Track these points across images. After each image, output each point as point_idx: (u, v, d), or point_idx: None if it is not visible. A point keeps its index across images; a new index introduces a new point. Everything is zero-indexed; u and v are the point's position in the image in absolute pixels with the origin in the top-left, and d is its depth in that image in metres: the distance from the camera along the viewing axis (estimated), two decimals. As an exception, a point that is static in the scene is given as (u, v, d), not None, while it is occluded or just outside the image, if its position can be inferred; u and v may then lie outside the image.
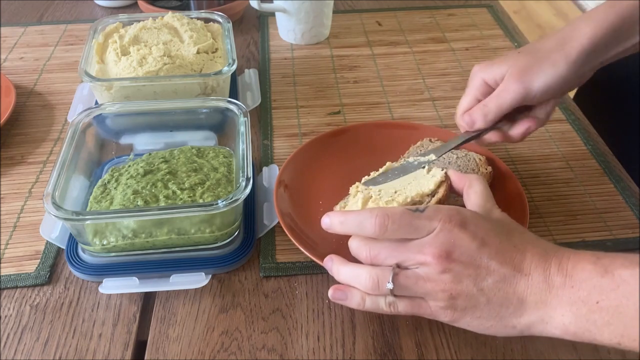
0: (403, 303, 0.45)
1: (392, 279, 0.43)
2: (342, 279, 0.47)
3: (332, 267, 0.48)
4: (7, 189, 0.64)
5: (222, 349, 0.48)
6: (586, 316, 0.40)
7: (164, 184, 0.55)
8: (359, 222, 0.44)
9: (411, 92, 0.80)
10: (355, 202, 0.54)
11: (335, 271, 0.47)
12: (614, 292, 0.39)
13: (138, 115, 0.64)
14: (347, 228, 0.46)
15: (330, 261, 0.48)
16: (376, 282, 0.44)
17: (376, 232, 0.43)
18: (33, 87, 0.80)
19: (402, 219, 0.43)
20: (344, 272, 0.46)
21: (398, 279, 0.43)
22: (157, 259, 0.54)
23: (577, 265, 0.41)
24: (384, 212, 0.43)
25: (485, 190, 0.49)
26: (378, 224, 0.43)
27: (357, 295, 0.46)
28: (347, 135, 0.67)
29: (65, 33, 0.92)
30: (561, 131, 0.72)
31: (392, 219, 0.43)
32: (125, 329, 0.50)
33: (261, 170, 0.65)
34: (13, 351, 0.48)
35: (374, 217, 0.43)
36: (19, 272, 0.55)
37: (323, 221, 0.47)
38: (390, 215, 0.43)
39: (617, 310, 0.38)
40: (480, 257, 0.42)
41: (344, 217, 0.46)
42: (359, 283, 0.45)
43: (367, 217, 0.44)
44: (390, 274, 0.43)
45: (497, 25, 0.95)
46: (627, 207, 0.62)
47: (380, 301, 0.45)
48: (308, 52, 0.88)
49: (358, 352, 0.48)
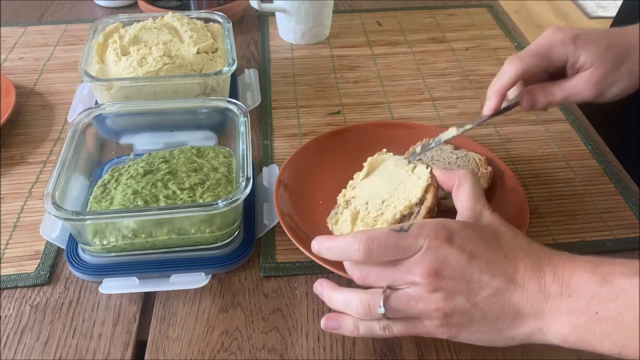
0: (398, 325, 0.43)
1: (383, 303, 0.42)
2: (333, 305, 0.46)
3: (322, 293, 0.47)
4: (7, 189, 0.64)
5: (222, 349, 0.48)
6: (585, 327, 0.39)
7: (164, 184, 0.55)
8: (344, 248, 0.43)
9: (411, 92, 0.80)
10: (345, 221, 0.53)
11: (326, 298, 0.46)
12: (613, 302, 0.38)
13: (138, 115, 0.64)
14: (334, 255, 0.45)
15: (320, 287, 0.47)
16: (367, 307, 0.43)
17: (362, 258, 0.42)
18: (33, 87, 0.80)
19: (387, 241, 0.42)
20: (335, 299, 0.45)
21: (389, 302, 0.42)
22: (157, 259, 0.54)
23: (574, 273, 0.40)
24: (367, 236, 0.42)
25: (474, 190, 0.47)
26: (363, 249, 0.42)
27: (349, 322, 0.45)
28: (347, 135, 0.67)
29: (65, 33, 0.92)
30: (561, 131, 0.72)
31: (377, 243, 0.42)
32: (125, 329, 0.50)
33: (261, 170, 0.65)
34: (13, 351, 0.48)
35: (357, 242, 0.42)
36: (19, 272, 0.55)
37: (312, 246, 0.46)
38: (374, 239, 0.42)
39: (617, 321, 0.38)
40: (471, 271, 0.41)
41: (330, 244, 0.45)
42: (351, 310, 0.44)
43: (351, 243, 0.42)
44: (380, 297, 0.42)
45: (497, 25, 0.95)
46: (627, 207, 0.62)
47: (374, 326, 0.44)
48: (308, 52, 0.88)
49: (358, 352, 0.48)
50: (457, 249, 0.41)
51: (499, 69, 0.84)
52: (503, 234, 0.44)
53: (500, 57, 0.87)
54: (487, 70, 0.84)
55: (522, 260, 0.42)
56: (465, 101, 0.78)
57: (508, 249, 0.42)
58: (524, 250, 0.42)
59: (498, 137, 0.71)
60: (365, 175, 0.56)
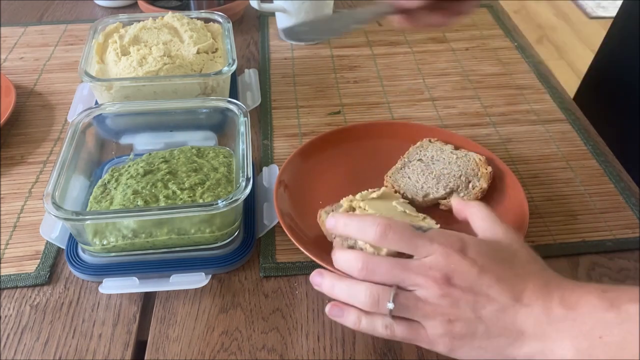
0: (401, 327, 0.43)
1: (393, 298, 0.42)
2: (336, 294, 0.45)
3: (322, 282, 0.45)
4: (7, 189, 0.64)
5: (222, 349, 0.48)
6: (588, 351, 0.38)
7: (164, 184, 0.55)
8: (361, 226, 0.44)
9: (411, 92, 0.80)
10: None
11: (327, 286, 0.45)
12: (619, 327, 0.37)
13: (138, 115, 0.64)
14: (349, 230, 0.46)
15: (319, 276, 0.46)
16: (376, 299, 0.42)
17: (376, 238, 0.43)
18: (33, 87, 0.80)
19: (403, 231, 0.43)
20: (339, 287, 0.44)
21: (399, 299, 0.42)
22: (157, 259, 0.54)
23: (582, 298, 0.40)
24: (387, 221, 0.43)
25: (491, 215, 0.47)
26: (379, 231, 0.43)
27: (353, 313, 0.44)
28: (347, 135, 0.67)
29: (65, 33, 0.92)
30: (561, 131, 0.72)
31: (394, 230, 0.43)
32: (125, 329, 0.50)
33: (261, 170, 0.65)
34: (13, 351, 0.48)
35: (375, 223, 0.43)
36: (19, 272, 0.55)
37: (328, 221, 0.47)
38: (392, 226, 0.43)
39: (621, 346, 0.37)
40: (480, 284, 0.41)
41: (348, 219, 0.46)
42: (357, 300, 0.43)
43: (370, 222, 0.44)
44: (391, 292, 0.42)
45: (497, 25, 0.95)
46: (627, 207, 0.62)
47: (377, 322, 0.43)
48: (308, 52, 0.88)
49: (358, 352, 0.48)
50: (468, 261, 0.42)
51: (499, 69, 0.84)
52: (520, 256, 0.44)
53: (501, 57, 0.87)
54: (487, 70, 0.84)
55: (531, 281, 0.42)
56: (465, 101, 0.78)
57: (520, 270, 0.42)
58: (536, 273, 0.43)
59: (498, 137, 0.71)
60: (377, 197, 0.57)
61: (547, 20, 2.77)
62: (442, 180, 0.60)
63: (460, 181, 0.60)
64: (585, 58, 2.37)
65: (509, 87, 0.80)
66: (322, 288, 0.46)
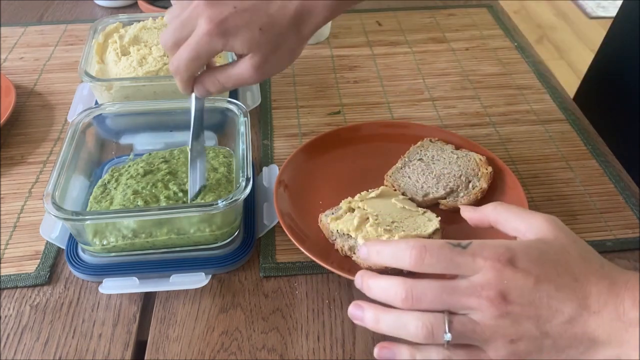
0: (460, 354, 0.39)
1: (449, 328, 0.38)
2: (382, 328, 0.40)
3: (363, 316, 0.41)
4: (7, 189, 0.64)
5: (222, 349, 0.48)
6: None
7: (164, 184, 0.55)
8: (394, 252, 0.41)
9: (411, 92, 0.80)
10: (351, 220, 0.54)
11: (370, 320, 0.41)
12: None
13: (138, 115, 0.64)
14: (383, 258, 0.42)
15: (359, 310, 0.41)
16: (430, 331, 0.38)
17: (412, 264, 0.39)
18: (33, 87, 0.80)
19: (441, 252, 0.39)
20: (385, 320, 0.40)
21: (454, 327, 0.38)
22: (157, 259, 0.54)
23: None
24: (422, 244, 0.40)
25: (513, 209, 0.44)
26: (415, 255, 0.39)
27: (405, 353, 0.40)
28: (347, 135, 0.67)
29: (65, 33, 0.92)
30: (561, 131, 0.72)
31: (430, 252, 0.39)
32: (125, 329, 0.50)
33: (261, 170, 0.65)
34: (13, 351, 0.48)
35: (409, 247, 0.40)
36: (19, 272, 0.55)
37: (361, 251, 0.43)
38: (428, 248, 0.39)
39: None
40: (539, 296, 0.38)
41: (381, 247, 0.42)
42: (407, 332, 0.39)
43: (403, 248, 0.40)
44: (445, 321, 0.38)
45: (497, 25, 0.95)
46: (627, 207, 0.62)
47: (432, 355, 0.39)
48: (308, 52, 0.88)
49: (358, 352, 0.48)
50: (521, 273, 0.38)
51: (499, 69, 0.84)
52: (571, 252, 0.40)
53: (500, 57, 0.87)
54: (487, 70, 0.84)
55: (594, 284, 0.38)
56: (465, 101, 0.78)
57: (578, 271, 0.39)
58: (596, 272, 0.39)
59: (498, 137, 0.71)
60: (376, 196, 0.57)
61: (547, 20, 2.77)
62: (442, 180, 0.60)
63: (460, 181, 0.60)
64: (585, 58, 2.37)
65: (509, 87, 0.81)
66: (365, 323, 0.41)
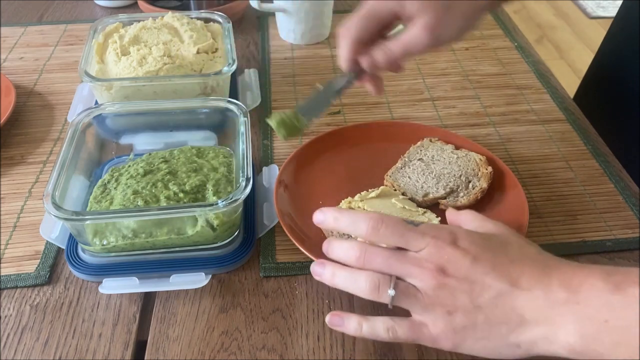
0: (403, 328, 0.43)
1: (394, 286, 0.42)
2: (337, 282, 0.45)
3: (323, 271, 0.46)
4: (7, 189, 0.64)
5: (222, 349, 0.48)
6: (593, 335, 0.37)
7: (164, 184, 0.55)
8: (353, 220, 0.45)
9: (411, 92, 0.80)
10: None
11: (328, 275, 0.46)
12: (625, 311, 0.36)
13: (138, 115, 0.64)
14: (340, 224, 0.46)
15: (320, 266, 0.46)
16: (377, 285, 0.43)
17: (368, 233, 0.44)
18: (33, 87, 0.80)
19: (395, 226, 0.43)
20: (340, 275, 0.45)
21: (399, 287, 0.43)
22: (157, 259, 0.54)
23: (585, 281, 0.39)
24: (379, 216, 0.44)
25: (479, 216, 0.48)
26: (372, 225, 0.43)
27: (354, 321, 0.45)
28: (347, 135, 0.67)
29: (65, 33, 0.92)
30: (561, 131, 0.72)
31: (386, 224, 0.43)
32: (125, 329, 0.50)
33: (261, 170, 0.65)
34: (13, 351, 0.48)
35: (368, 218, 0.44)
36: (19, 272, 0.55)
37: (316, 216, 0.47)
38: (385, 220, 0.43)
39: (629, 331, 0.36)
40: (475, 272, 0.41)
41: (339, 214, 0.46)
42: (357, 286, 0.44)
43: (362, 217, 0.44)
44: (391, 280, 0.43)
45: (497, 25, 0.95)
46: (627, 207, 0.62)
47: (379, 326, 0.44)
48: (308, 52, 0.88)
49: (358, 352, 0.48)
50: (461, 251, 0.42)
51: (499, 68, 0.84)
52: (513, 243, 0.44)
53: (500, 57, 0.87)
54: (487, 70, 0.84)
55: (528, 265, 0.41)
56: (465, 101, 0.78)
57: (515, 256, 0.42)
58: (532, 257, 0.42)
59: (498, 137, 0.71)
60: (376, 196, 0.57)
61: (547, 20, 2.77)
62: (442, 180, 0.60)
63: (460, 181, 0.60)
64: (585, 58, 2.37)
65: (508, 87, 0.81)
66: (323, 277, 0.46)
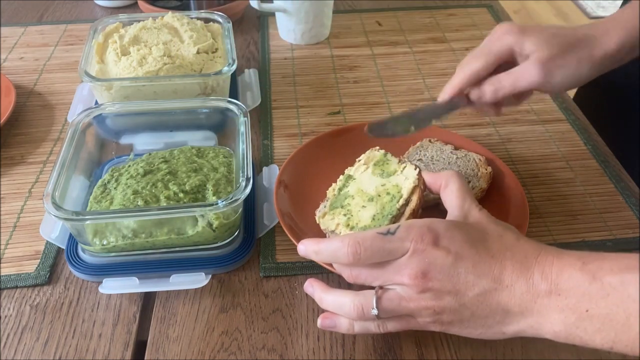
0: (392, 322, 0.45)
1: (376, 304, 0.43)
2: (325, 307, 0.47)
3: (313, 293, 0.48)
4: (7, 189, 0.64)
5: (222, 349, 0.48)
6: (575, 324, 0.39)
7: (164, 184, 0.55)
8: (332, 252, 0.44)
9: (411, 92, 0.80)
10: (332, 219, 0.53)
11: (317, 299, 0.47)
12: (604, 300, 0.38)
13: (138, 115, 0.64)
14: (323, 258, 0.46)
15: (310, 287, 0.48)
16: (360, 309, 0.44)
17: (350, 261, 0.43)
18: (33, 87, 0.80)
19: (373, 245, 0.42)
20: (326, 300, 0.46)
21: (381, 303, 0.43)
22: (157, 259, 0.54)
23: (563, 271, 0.40)
24: (355, 240, 0.43)
25: (461, 189, 0.48)
26: (351, 253, 0.43)
27: (345, 322, 0.46)
28: (347, 135, 0.67)
29: (65, 33, 0.92)
30: (561, 131, 0.72)
31: (364, 247, 0.42)
32: (125, 329, 0.50)
33: (261, 170, 0.65)
34: (13, 351, 0.48)
35: (345, 246, 0.43)
36: (19, 272, 0.55)
37: (299, 248, 0.47)
38: (362, 243, 0.43)
39: (608, 318, 0.38)
40: (457, 272, 0.41)
41: (318, 247, 0.45)
42: (344, 312, 0.45)
43: (339, 247, 0.43)
44: (373, 299, 0.43)
45: (497, 25, 0.95)
46: (627, 207, 0.62)
47: (369, 325, 0.45)
48: (308, 52, 0.88)
49: (358, 352, 0.48)
50: (443, 251, 0.42)
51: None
52: (491, 233, 0.44)
53: (500, 57, 0.87)
54: (487, 70, 0.84)
55: (509, 259, 0.42)
56: (465, 101, 0.78)
57: (495, 249, 0.43)
58: (511, 248, 0.43)
59: (498, 137, 0.71)
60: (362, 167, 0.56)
61: (547, 20, 2.77)
62: (442, 180, 0.60)
63: (460, 181, 0.60)
64: (585, 58, 2.36)
65: (509, 87, 0.80)
66: (314, 298, 0.48)
